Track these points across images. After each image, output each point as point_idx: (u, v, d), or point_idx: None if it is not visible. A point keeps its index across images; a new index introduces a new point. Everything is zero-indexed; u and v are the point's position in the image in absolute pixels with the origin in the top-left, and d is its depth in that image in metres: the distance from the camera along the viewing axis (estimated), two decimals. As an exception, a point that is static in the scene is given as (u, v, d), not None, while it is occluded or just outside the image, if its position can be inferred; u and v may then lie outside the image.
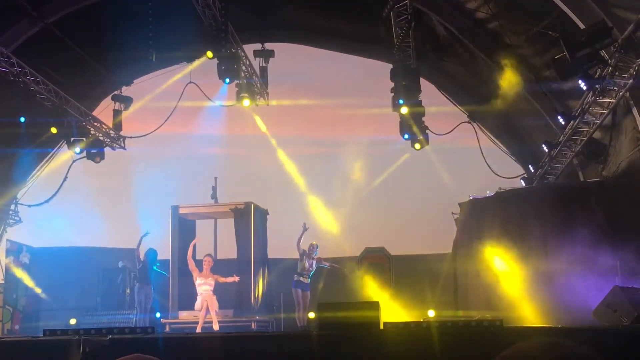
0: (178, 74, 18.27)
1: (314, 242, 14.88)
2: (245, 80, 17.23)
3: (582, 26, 12.29)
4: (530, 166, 17.54)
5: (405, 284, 17.63)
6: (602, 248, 12.76)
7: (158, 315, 16.04)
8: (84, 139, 17.43)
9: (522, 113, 16.98)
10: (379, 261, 17.81)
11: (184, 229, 17.51)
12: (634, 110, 12.56)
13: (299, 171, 20.56)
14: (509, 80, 15.39)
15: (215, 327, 14.23)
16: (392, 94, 15.77)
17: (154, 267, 15.51)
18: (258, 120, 19.74)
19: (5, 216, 18.59)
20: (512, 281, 13.53)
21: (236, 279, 14.96)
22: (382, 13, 15.65)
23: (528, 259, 13.67)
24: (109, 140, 18.55)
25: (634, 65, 11.95)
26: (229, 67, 15.33)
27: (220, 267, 15.78)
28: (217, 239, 18.78)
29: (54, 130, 16.80)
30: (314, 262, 14.63)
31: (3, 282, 17.51)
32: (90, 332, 9.05)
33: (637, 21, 11.36)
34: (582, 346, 2.02)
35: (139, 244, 15.35)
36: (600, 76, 12.45)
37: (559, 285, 12.91)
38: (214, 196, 18.81)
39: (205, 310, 14.31)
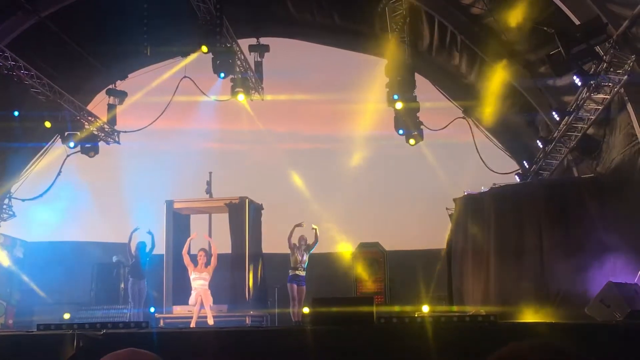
0: (172, 69, 18.20)
1: (303, 235, 14.86)
2: (240, 75, 17.19)
3: (577, 22, 12.30)
4: (524, 162, 17.56)
5: (400, 280, 17.67)
6: (596, 243, 12.81)
7: (152, 309, 16.06)
8: (78, 133, 17.38)
9: (517, 108, 17.00)
10: (373, 256, 17.83)
11: (178, 223, 17.51)
12: (629, 106, 12.58)
13: (294, 166, 20.57)
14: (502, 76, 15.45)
15: (210, 321, 14.23)
16: (387, 90, 15.78)
17: (147, 259, 15.52)
18: (253, 115, 19.71)
19: (-1, 210, 18.56)
20: (506, 277, 13.56)
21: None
22: (377, 8, 15.66)
23: (522, 254, 13.71)
24: (103, 134, 18.50)
25: (629, 62, 11.97)
26: (223, 62, 15.31)
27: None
28: (211, 234, 18.76)
29: (48, 124, 16.73)
30: (306, 253, 14.63)
31: (-3, 276, 17.49)
32: (84, 326, 9.05)
33: (632, 17, 11.38)
34: (573, 347, 2.05)
35: (130, 239, 15.39)
36: (595, 72, 12.47)
37: (553, 281, 12.95)
38: (208, 191, 18.79)
39: (199, 305, 14.31)
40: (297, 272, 14.49)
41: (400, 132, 16.27)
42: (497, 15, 14.31)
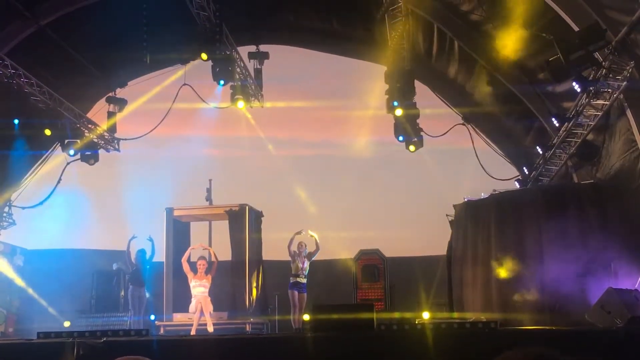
0: (172, 76, 18.23)
1: (302, 242, 14.82)
2: (239, 82, 17.21)
3: (576, 28, 12.32)
4: (524, 168, 17.57)
5: (400, 286, 17.63)
6: (596, 249, 12.79)
7: (152, 317, 16.04)
8: (78, 140, 17.40)
9: (516, 115, 17.02)
10: (373, 263, 17.80)
11: (178, 231, 17.49)
12: (628, 112, 12.58)
13: (294, 173, 20.56)
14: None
15: (210, 329, 14.21)
16: (387, 96, 15.80)
17: (147, 267, 15.54)
18: (252, 122, 19.73)
19: (-1, 218, 18.55)
20: (506, 283, 13.54)
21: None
22: (377, 15, 15.68)
23: (522, 260, 13.68)
24: (103, 142, 18.52)
25: (628, 67, 11.97)
26: (223, 69, 15.33)
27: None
28: (211, 241, 18.75)
29: (48, 132, 16.76)
30: (306, 260, 14.59)
31: (-3, 284, 17.45)
32: (84, 334, 9.06)
33: (631, 23, 11.39)
34: (566, 356, 2.08)
35: (128, 247, 15.45)
36: (594, 78, 12.48)
37: (553, 287, 12.93)
38: (208, 198, 18.78)
39: (199, 312, 14.29)
40: (298, 280, 14.46)
41: (400, 138, 16.27)
42: (496, 21, 14.34)
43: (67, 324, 16.01)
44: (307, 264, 14.56)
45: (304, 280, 14.54)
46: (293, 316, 14.45)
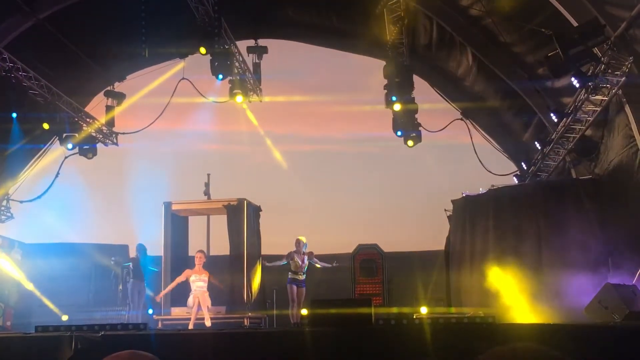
0: (171, 70, 18.23)
1: (300, 238, 14.61)
2: (238, 77, 17.19)
3: (575, 24, 12.32)
4: (522, 163, 17.57)
5: (398, 281, 17.66)
6: (594, 245, 12.82)
7: (150, 311, 16.04)
8: (77, 134, 17.41)
9: (515, 110, 17.01)
10: (371, 258, 17.82)
11: (176, 225, 17.48)
12: (626, 108, 12.60)
13: (292, 167, 20.57)
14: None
15: (208, 323, 14.21)
16: (385, 91, 15.79)
17: (149, 267, 15.55)
18: (251, 117, 19.71)
19: (-3, 212, 18.54)
20: (504, 278, 13.57)
21: (220, 285, 15.06)
22: (376, 10, 15.66)
23: (520, 255, 13.71)
24: (101, 136, 18.52)
25: (627, 63, 11.99)
26: (222, 64, 15.32)
27: (212, 263, 15.76)
28: (209, 236, 18.74)
29: (46, 126, 16.75)
30: (306, 257, 14.49)
31: (-6, 278, 17.45)
32: (82, 328, 9.03)
33: (630, 19, 11.39)
34: (553, 351, 2.09)
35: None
36: (593, 74, 12.48)
37: (551, 282, 12.96)
38: (206, 192, 18.75)
39: (197, 306, 14.28)
40: (296, 277, 14.36)
41: (399, 133, 16.27)
42: (496, 17, 14.32)
43: (65, 317, 16.02)
44: (307, 261, 14.46)
45: (303, 277, 14.44)
46: (291, 311, 14.41)
